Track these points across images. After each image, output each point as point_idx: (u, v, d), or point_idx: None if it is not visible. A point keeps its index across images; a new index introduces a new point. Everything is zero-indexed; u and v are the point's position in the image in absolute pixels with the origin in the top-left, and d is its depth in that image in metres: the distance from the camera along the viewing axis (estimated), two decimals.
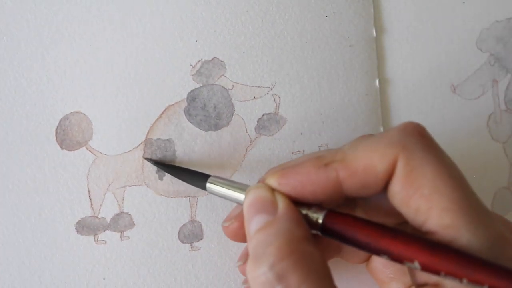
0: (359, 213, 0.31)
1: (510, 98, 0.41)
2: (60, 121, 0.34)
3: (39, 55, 0.33)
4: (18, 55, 0.33)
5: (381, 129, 0.38)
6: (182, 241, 0.36)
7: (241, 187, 0.30)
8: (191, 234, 0.36)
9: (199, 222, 0.36)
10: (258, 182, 0.30)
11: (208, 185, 0.31)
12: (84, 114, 0.34)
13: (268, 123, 0.36)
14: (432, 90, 0.40)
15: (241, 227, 0.29)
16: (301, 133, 0.37)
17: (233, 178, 0.36)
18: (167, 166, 0.35)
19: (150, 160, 0.35)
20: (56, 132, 0.34)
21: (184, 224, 0.36)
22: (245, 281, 0.34)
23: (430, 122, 0.40)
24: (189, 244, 0.36)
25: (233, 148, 0.36)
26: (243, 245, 0.36)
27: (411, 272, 0.28)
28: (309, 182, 0.28)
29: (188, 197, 0.36)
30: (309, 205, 0.28)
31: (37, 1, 0.33)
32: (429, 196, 0.25)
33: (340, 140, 0.37)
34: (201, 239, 0.36)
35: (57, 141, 0.34)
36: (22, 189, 0.34)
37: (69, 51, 0.34)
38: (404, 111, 0.39)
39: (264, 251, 0.25)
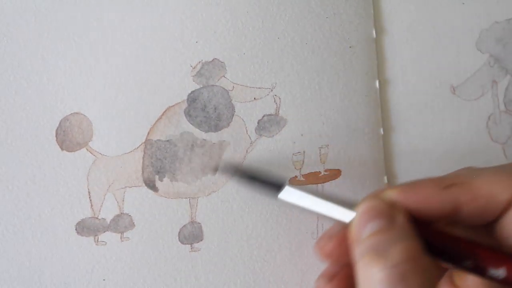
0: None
1: (509, 99, 0.41)
2: (60, 122, 0.34)
3: (39, 55, 0.33)
4: (18, 56, 0.33)
5: (381, 130, 0.38)
6: (182, 242, 0.36)
7: (346, 203, 0.29)
8: (191, 235, 0.36)
9: (199, 223, 0.36)
10: (369, 196, 0.29)
11: (281, 195, 0.30)
12: (84, 115, 0.34)
13: (268, 124, 0.36)
14: (431, 91, 0.40)
15: (338, 246, 0.29)
16: (302, 134, 0.37)
17: (234, 180, 0.36)
18: (240, 173, 0.33)
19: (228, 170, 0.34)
20: (56, 133, 0.34)
21: (184, 225, 0.36)
22: (321, 239, 0.32)
23: (430, 123, 0.40)
24: (189, 245, 0.36)
25: (233, 149, 0.36)
26: (243, 246, 0.36)
27: None
28: (429, 201, 0.28)
29: (188, 198, 0.36)
30: (426, 224, 0.28)
31: (37, 1, 0.33)
32: None
33: (340, 140, 0.38)
34: (201, 240, 0.36)
35: (57, 142, 0.34)
36: (22, 190, 0.34)
37: (69, 51, 0.34)
38: (404, 112, 0.39)
39: (388, 249, 0.25)
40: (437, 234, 0.27)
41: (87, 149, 0.34)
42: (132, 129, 0.35)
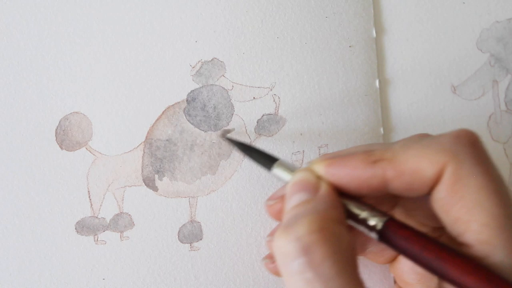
0: (399, 211, 0.32)
1: (510, 98, 0.41)
2: (60, 122, 0.34)
3: (39, 55, 0.33)
4: (18, 55, 0.33)
5: (381, 129, 0.38)
6: (181, 241, 0.36)
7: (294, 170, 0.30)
8: (190, 234, 0.36)
9: (198, 222, 0.36)
10: (305, 167, 0.30)
11: (274, 170, 0.31)
12: (84, 115, 0.34)
13: (267, 124, 0.36)
14: (432, 90, 0.40)
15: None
16: (301, 134, 0.37)
17: (233, 179, 0.36)
18: (239, 144, 0.34)
19: (225, 138, 0.35)
20: (56, 133, 0.34)
21: (184, 224, 0.36)
22: (268, 256, 0.34)
23: (430, 122, 0.40)
24: (189, 244, 0.36)
25: (233, 148, 0.36)
26: (243, 245, 0.36)
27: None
28: (355, 176, 0.28)
29: (188, 198, 0.36)
30: (352, 197, 0.28)
31: (37, 1, 0.33)
32: (471, 208, 0.25)
33: (340, 140, 0.37)
34: (201, 239, 0.36)
35: (57, 142, 0.34)
36: (22, 189, 0.34)
37: (69, 51, 0.34)
38: (404, 112, 0.39)
39: (295, 222, 0.26)
40: (409, 241, 0.27)
41: (86, 149, 0.34)
42: (131, 129, 0.35)
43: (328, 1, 0.37)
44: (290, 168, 0.31)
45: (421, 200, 0.29)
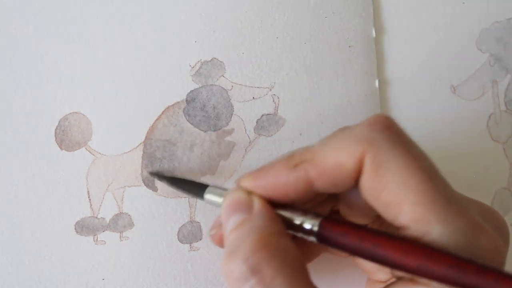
0: (343, 207, 0.31)
1: (510, 98, 0.41)
2: (59, 122, 0.34)
3: (39, 55, 0.33)
4: (18, 55, 0.33)
5: None
6: (181, 241, 0.36)
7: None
8: (190, 234, 0.36)
9: (198, 222, 0.36)
10: (234, 186, 0.30)
11: (206, 196, 0.31)
12: (84, 115, 0.34)
13: (267, 124, 0.36)
14: (432, 90, 0.40)
15: None
16: (300, 134, 0.37)
17: (232, 179, 0.36)
18: (166, 178, 0.34)
19: (153, 174, 0.35)
20: (56, 133, 0.34)
21: (183, 225, 0.36)
22: (213, 228, 0.33)
23: (430, 122, 0.40)
24: (188, 245, 0.36)
25: (232, 148, 0.36)
26: None
27: None
28: (280, 183, 0.28)
29: (188, 198, 0.36)
30: (286, 205, 0.28)
31: (37, 1, 0.33)
32: (397, 191, 0.25)
33: None
34: (200, 239, 0.36)
35: (56, 142, 0.34)
36: (22, 189, 0.34)
37: (68, 51, 0.34)
38: (404, 112, 0.39)
39: (238, 245, 0.26)
40: (345, 236, 0.27)
41: (86, 149, 0.34)
42: (131, 129, 0.35)
43: (328, 1, 0.37)
44: (222, 192, 0.31)
45: (355, 193, 0.28)
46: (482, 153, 0.41)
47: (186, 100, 0.35)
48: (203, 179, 0.36)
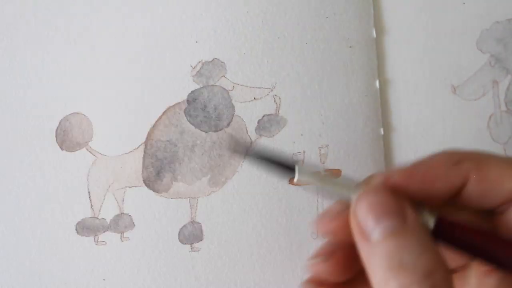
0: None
1: (510, 99, 0.41)
2: (60, 122, 0.34)
3: (39, 56, 0.33)
4: (18, 56, 0.33)
5: (381, 130, 0.38)
6: (182, 242, 0.36)
7: (346, 184, 0.27)
8: (191, 235, 0.36)
9: (199, 223, 0.36)
10: (372, 180, 0.27)
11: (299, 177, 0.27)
12: (84, 115, 0.34)
13: (268, 124, 0.36)
14: (432, 91, 0.40)
15: (341, 226, 0.27)
16: (302, 134, 0.37)
17: (234, 179, 0.36)
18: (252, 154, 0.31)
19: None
20: (56, 133, 0.34)
21: (184, 225, 0.36)
22: (311, 281, 0.30)
23: (430, 123, 0.40)
24: (189, 245, 0.36)
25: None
26: (243, 246, 0.36)
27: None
28: (440, 179, 0.26)
29: (188, 198, 0.36)
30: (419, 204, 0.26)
31: (37, 1, 0.33)
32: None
33: (340, 141, 0.37)
34: (201, 240, 0.36)
35: (57, 142, 0.34)
36: (23, 190, 0.34)
37: (69, 52, 0.34)
38: (404, 112, 0.39)
39: (414, 259, 0.24)
40: (465, 233, 0.26)
41: (87, 149, 0.34)
42: (132, 129, 0.35)
43: (329, 2, 0.37)
44: (311, 173, 0.27)
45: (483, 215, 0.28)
46: None
47: (187, 101, 0.35)
48: (204, 180, 0.36)
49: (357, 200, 0.26)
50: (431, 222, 0.26)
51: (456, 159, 0.26)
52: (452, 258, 0.28)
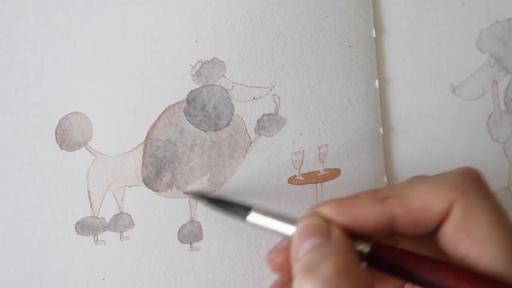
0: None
1: (510, 98, 0.41)
2: (59, 122, 0.34)
3: (39, 55, 0.33)
4: (18, 55, 0.33)
5: (381, 129, 0.38)
6: (181, 242, 0.36)
7: (289, 219, 0.30)
8: (190, 234, 0.36)
9: (198, 222, 0.36)
10: (309, 213, 0.30)
11: (249, 217, 0.32)
12: (84, 115, 0.34)
13: (268, 124, 0.36)
14: (432, 90, 0.40)
15: (287, 260, 0.29)
16: (301, 134, 0.37)
17: (233, 179, 0.36)
18: (206, 199, 0.35)
19: (189, 194, 0.35)
20: (56, 133, 0.34)
21: (184, 225, 0.36)
22: (272, 252, 0.33)
23: (430, 122, 0.40)
24: (189, 245, 0.36)
25: (233, 148, 0.36)
26: (243, 245, 0.36)
27: None
28: (364, 215, 0.28)
29: (188, 198, 0.36)
30: (356, 237, 0.28)
31: (37, 1, 0.33)
32: (481, 243, 0.26)
33: (340, 141, 0.37)
34: (201, 239, 0.36)
35: (56, 142, 0.34)
36: (22, 189, 0.34)
37: (69, 51, 0.34)
38: (404, 112, 0.39)
39: (320, 264, 0.26)
40: (398, 259, 0.28)
41: (86, 149, 0.34)
42: (131, 129, 0.35)
43: (328, 1, 0.37)
44: (266, 215, 0.31)
45: (424, 238, 0.29)
46: (482, 153, 0.41)
47: (187, 100, 0.35)
48: (203, 179, 0.36)
49: (298, 225, 0.29)
50: (366, 249, 0.28)
51: (381, 197, 0.28)
52: (392, 282, 0.31)
